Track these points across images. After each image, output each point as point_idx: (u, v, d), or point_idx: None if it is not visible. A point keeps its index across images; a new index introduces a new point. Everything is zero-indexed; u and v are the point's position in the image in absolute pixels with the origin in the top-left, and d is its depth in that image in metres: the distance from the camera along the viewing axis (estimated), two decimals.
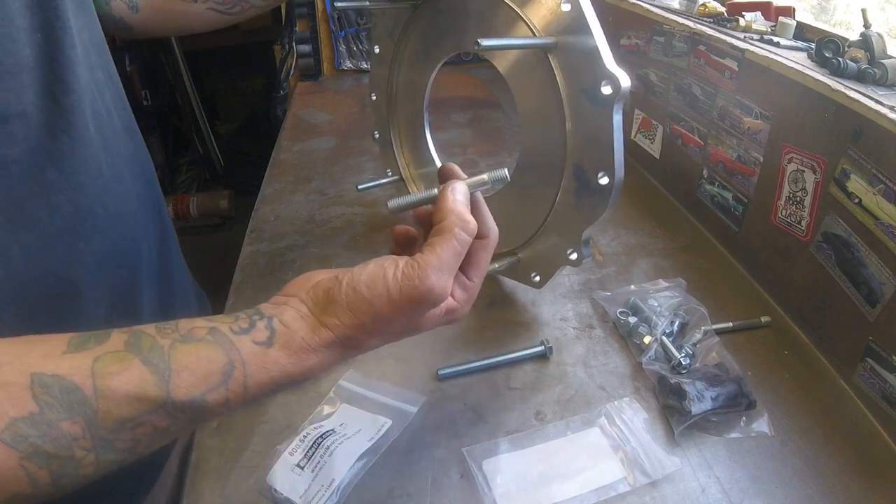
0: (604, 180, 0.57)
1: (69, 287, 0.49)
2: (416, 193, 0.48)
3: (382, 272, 0.41)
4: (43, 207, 0.46)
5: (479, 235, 0.45)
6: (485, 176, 0.46)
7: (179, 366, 0.37)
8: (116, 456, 0.36)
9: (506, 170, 0.47)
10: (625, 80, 0.52)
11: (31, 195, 0.45)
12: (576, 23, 0.54)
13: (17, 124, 0.43)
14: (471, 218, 0.44)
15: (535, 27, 0.58)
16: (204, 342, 0.38)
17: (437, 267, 0.41)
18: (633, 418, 0.59)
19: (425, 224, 0.48)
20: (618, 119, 0.54)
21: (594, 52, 0.53)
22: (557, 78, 0.58)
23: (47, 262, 0.47)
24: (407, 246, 0.49)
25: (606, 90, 0.53)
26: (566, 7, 0.55)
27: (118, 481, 0.38)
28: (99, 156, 0.51)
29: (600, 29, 0.53)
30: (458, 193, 0.45)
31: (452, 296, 0.45)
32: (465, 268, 0.46)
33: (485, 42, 0.53)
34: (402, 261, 0.41)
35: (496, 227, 0.48)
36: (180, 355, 0.37)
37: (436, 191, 0.46)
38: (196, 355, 0.37)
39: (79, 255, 0.49)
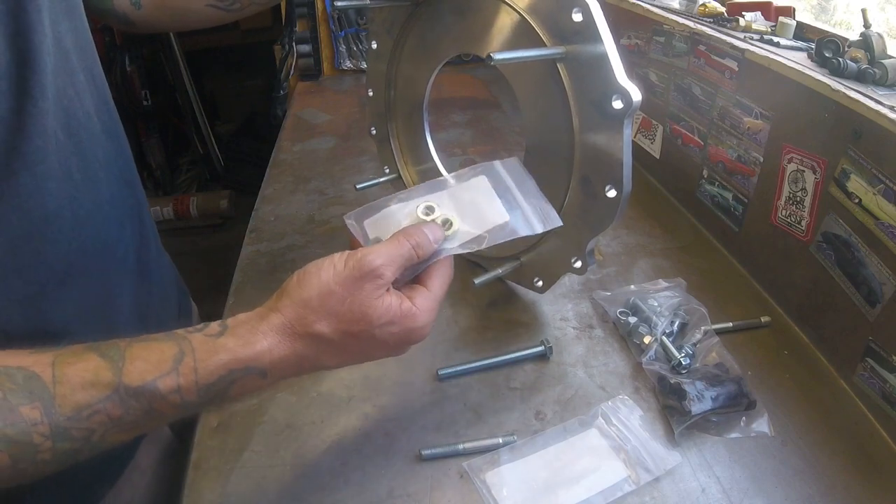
0: (611, 193, 0.56)
1: (35, 288, 0.50)
2: None
3: (329, 258, 0.46)
4: (14, 211, 0.47)
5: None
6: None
7: (133, 356, 0.40)
8: (72, 445, 0.38)
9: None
10: (636, 95, 0.51)
11: (3, 198, 0.46)
12: (587, 33, 0.53)
13: None
14: (422, 234, 0.47)
15: (542, 34, 0.57)
16: (157, 339, 0.42)
17: (380, 253, 0.45)
18: (630, 416, 0.59)
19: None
20: (628, 134, 0.53)
21: (606, 65, 0.52)
22: (566, 88, 0.57)
23: (13, 264, 0.48)
24: None
25: (617, 105, 0.52)
26: (577, 17, 0.53)
27: (78, 470, 0.41)
28: (69, 160, 0.52)
29: (612, 41, 0.51)
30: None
31: (411, 300, 0.46)
32: (423, 277, 0.49)
33: (497, 56, 0.52)
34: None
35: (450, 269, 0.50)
36: (135, 349, 0.40)
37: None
38: (148, 348, 0.41)
39: (44, 257, 0.50)
